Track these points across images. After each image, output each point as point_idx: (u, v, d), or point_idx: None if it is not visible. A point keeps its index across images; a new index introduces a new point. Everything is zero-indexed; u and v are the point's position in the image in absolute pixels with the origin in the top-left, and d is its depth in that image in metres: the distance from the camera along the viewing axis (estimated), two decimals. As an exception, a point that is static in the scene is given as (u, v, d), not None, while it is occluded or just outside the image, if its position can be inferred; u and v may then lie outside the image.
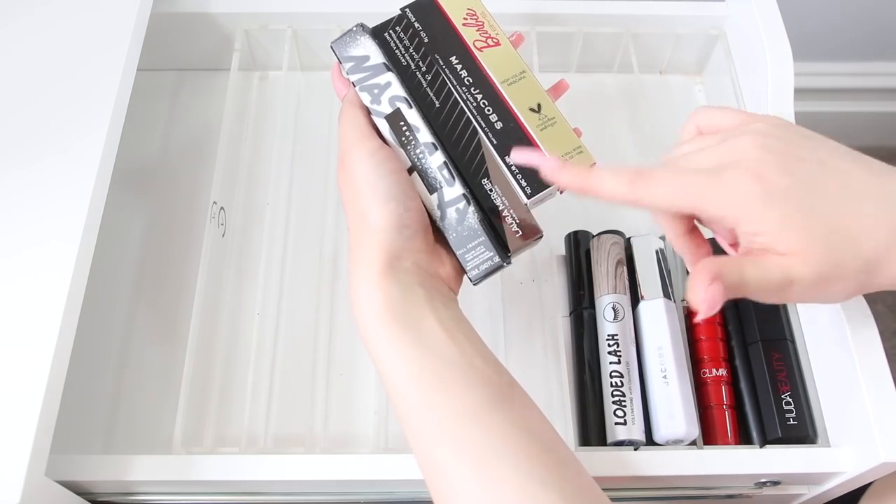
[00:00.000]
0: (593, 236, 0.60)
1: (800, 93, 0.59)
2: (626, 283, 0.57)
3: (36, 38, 0.58)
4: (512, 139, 0.48)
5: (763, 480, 0.50)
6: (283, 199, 0.65)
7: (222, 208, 0.61)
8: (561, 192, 0.49)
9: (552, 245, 0.61)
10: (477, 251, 0.47)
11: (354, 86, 0.50)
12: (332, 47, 0.51)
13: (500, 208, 0.48)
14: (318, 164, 0.66)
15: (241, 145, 0.66)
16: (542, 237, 0.48)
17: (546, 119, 0.49)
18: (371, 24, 0.51)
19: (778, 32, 0.61)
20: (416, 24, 0.51)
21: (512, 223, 0.48)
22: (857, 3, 1.14)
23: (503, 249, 0.48)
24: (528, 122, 0.49)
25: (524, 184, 0.48)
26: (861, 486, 0.51)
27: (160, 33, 0.65)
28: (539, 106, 0.49)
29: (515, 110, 0.49)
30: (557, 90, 0.53)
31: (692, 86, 0.73)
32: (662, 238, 0.59)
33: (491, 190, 0.48)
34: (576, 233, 0.61)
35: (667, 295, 0.55)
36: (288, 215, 0.64)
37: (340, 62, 0.50)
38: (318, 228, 0.63)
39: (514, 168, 0.48)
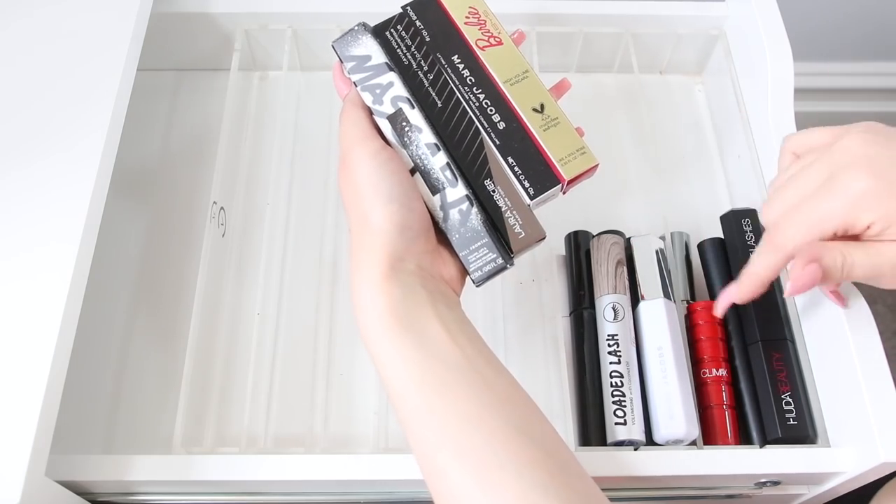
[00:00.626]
0: (593, 236, 0.60)
1: (800, 93, 0.59)
2: (626, 283, 0.57)
3: (36, 39, 0.58)
4: (514, 139, 0.48)
5: (763, 480, 0.50)
6: (283, 199, 0.65)
7: (222, 208, 0.61)
8: (564, 193, 0.49)
9: (552, 245, 0.61)
10: (480, 253, 0.47)
11: (356, 85, 0.49)
12: (333, 46, 0.51)
13: (503, 209, 0.48)
14: (318, 164, 0.66)
15: (241, 145, 0.66)
16: (545, 238, 0.48)
17: (549, 119, 0.49)
18: (372, 24, 0.51)
19: (778, 32, 0.61)
20: (418, 23, 0.51)
21: (515, 224, 0.48)
22: (858, 3, 1.14)
23: (506, 251, 0.47)
24: (531, 122, 0.49)
25: (527, 184, 0.48)
26: (861, 487, 0.51)
27: (160, 33, 0.65)
28: (542, 106, 0.49)
29: (518, 110, 0.49)
30: (559, 89, 0.53)
31: (692, 86, 0.73)
32: (662, 238, 0.59)
33: (494, 191, 0.48)
34: (576, 233, 0.61)
35: (667, 295, 0.55)
36: (288, 215, 0.64)
37: (342, 62, 0.50)
38: (318, 228, 0.63)
39: (516, 169, 0.48)
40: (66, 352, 0.47)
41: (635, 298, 0.56)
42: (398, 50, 0.50)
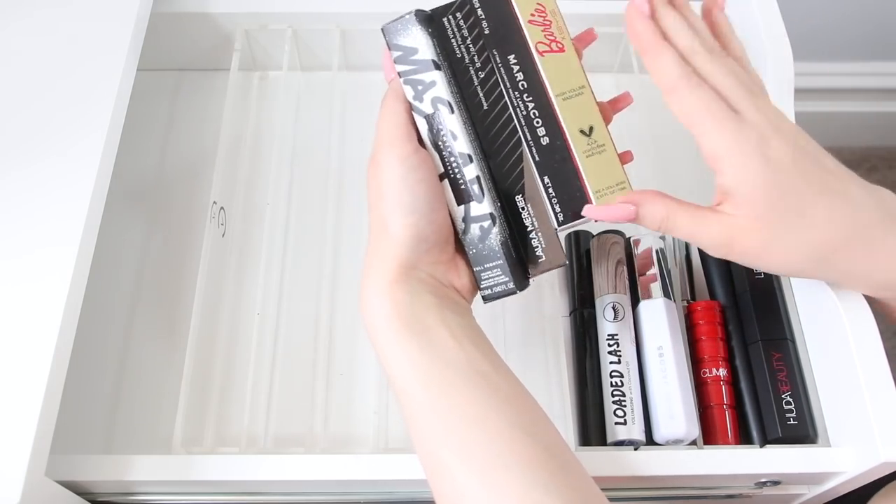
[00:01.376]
0: (593, 236, 0.60)
1: (800, 93, 0.59)
2: (626, 283, 0.57)
3: (36, 39, 0.58)
4: (555, 159, 0.46)
5: (763, 480, 0.50)
6: (283, 199, 0.65)
7: (222, 208, 0.61)
8: (596, 221, 0.47)
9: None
10: (493, 272, 0.47)
11: (400, 76, 0.47)
12: (382, 30, 0.47)
13: (529, 228, 0.47)
14: (318, 164, 0.66)
15: (241, 145, 0.66)
16: (565, 265, 0.47)
17: (595, 145, 0.46)
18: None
19: (778, 32, 0.61)
20: (479, 12, 0.47)
21: (538, 246, 0.47)
22: (857, 3, 1.14)
23: (521, 274, 0.47)
24: (576, 144, 0.46)
25: (557, 209, 0.46)
26: (861, 487, 0.51)
27: (160, 33, 0.65)
28: (591, 129, 0.46)
29: (565, 129, 0.46)
30: (619, 103, 0.51)
31: (692, 86, 0.72)
32: (662, 238, 0.59)
33: (523, 208, 0.46)
34: (576, 233, 0.61)
35: (667, 295, 0.55)
36: (288, 215, 0.64)
37: (389, 48, 0.47)
38: (318, 228, 0.63)
39: (550, 190, 0.46)
40: (66, 352, 0.47)
41: (635, 298, 0.56)
42: (453, 40, 0.47)
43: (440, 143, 0.46)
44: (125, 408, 0.57)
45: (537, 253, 0.47)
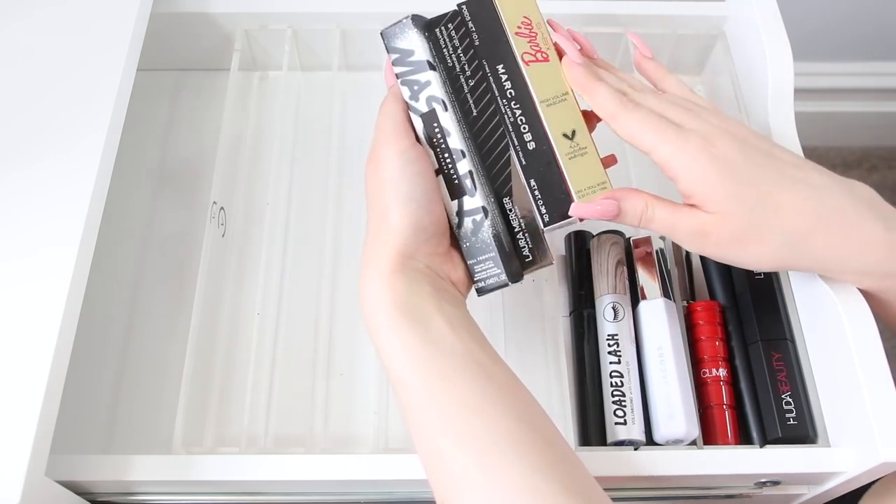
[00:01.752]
0: (593, 236, 0.60)
1: (800, 93, 0.59)
2: (626, 283, 0.57)
3: (36, 39, 0.58)
4: (541, 163, 0.48)
5: (763, 480, 0.50)
6: (283, 199, 0.65)
7: (222, 208, 0.61)
8: (581, 220, 0.49)
9: (552, 245, 0.61)
10: (486, 265, 0.48)
11: (397, 78, 0.49)
12: (381, 35, 0.50)
13: (516, 230, 0.49)
14: (318, 164, 0.66)
15: (241, 145, 0.66)
16: (552, 264, 0.49)
17: (577, 148, 0.48)
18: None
19: (778, 32, 0.61)
20: (470, 24, 0.49)
21: (525, 247, 0.49)
22: (857, 3, 1.14)
23: (513, 267, 0.48)
24: (559, 147, 0.48)
25: (543, 210, 0.48)
26: (861, 486, 0.51)
27: (160, 33, 0.65)
28: (573, 133, 0.48)
29: (549, 134, 0.48)
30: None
31: (692, 86, 0.72)
32: (662, 238, 0.59)
33: (511, 210, 0.48)
34: (576, 233, 0.61)
35: (667, 295, 0.56)
36: (288, 215, 0.64)
37: (388, 52, 0.50)
38: (318, 228, 0.63)
39: (536, 193, 0.48)
40: (66, 352, 0.47)
41: (635, 298, 0.56)
42: (445, 49, 0.49)
43: (435, 139, 0.48)
44: (125, 408, 0.57)
45: (524, 253, 0.49)
